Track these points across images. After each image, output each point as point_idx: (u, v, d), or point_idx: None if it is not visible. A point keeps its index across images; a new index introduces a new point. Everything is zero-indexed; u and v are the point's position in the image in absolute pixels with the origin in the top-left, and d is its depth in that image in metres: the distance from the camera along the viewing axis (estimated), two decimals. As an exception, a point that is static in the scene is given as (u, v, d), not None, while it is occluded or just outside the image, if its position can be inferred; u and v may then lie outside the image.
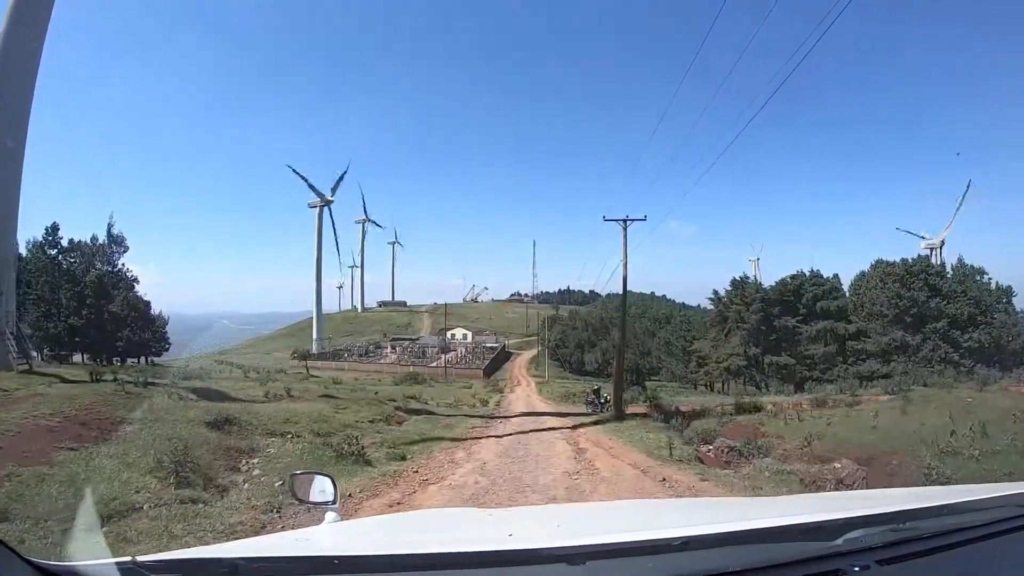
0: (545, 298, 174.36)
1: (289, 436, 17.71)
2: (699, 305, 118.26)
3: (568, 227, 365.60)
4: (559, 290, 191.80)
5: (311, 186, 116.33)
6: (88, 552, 5.10)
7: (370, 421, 25.37)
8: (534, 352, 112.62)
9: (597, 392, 42.60)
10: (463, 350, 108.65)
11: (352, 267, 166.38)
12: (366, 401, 32.64)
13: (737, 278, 70.61)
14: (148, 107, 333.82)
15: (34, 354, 38.94)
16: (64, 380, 23.17)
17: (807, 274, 68.08)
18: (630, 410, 36.94)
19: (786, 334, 64.89)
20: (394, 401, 36.33)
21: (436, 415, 32.27)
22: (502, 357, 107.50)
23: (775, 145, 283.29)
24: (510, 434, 24.55)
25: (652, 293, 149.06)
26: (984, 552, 2.06)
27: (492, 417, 34.22)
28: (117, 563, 1.79)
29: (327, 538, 2.73)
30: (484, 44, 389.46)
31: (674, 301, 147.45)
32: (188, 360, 73.30)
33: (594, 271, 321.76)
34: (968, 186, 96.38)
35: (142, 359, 61.12)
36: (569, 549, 1.76)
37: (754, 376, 65.41)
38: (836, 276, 68.90)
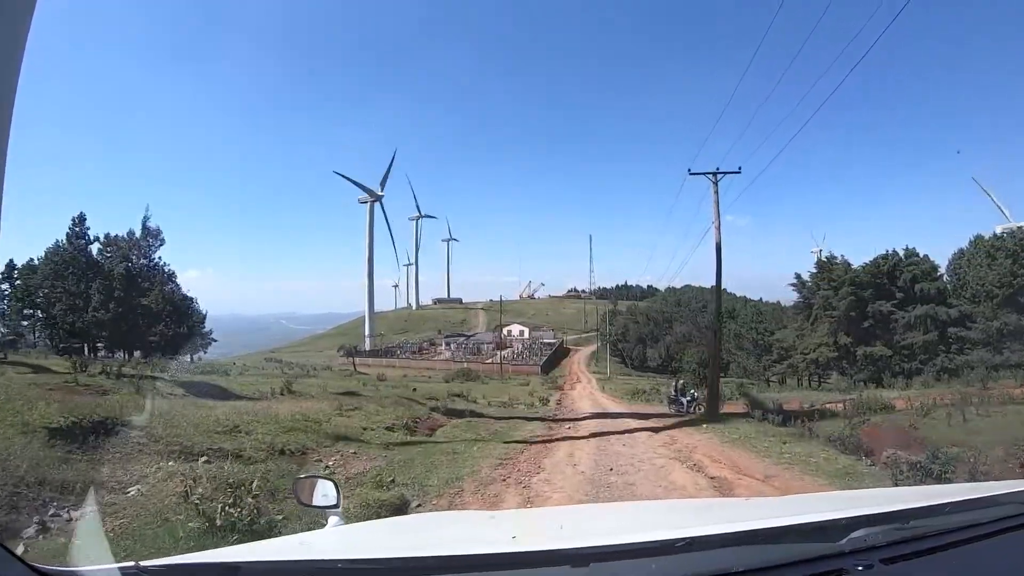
0: (602, 294, 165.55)
1: (203, 459, 10.19)
2: (761, 299, 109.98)
3: (625, 222, 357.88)
4: (616, 285, 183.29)
5: (359, 185, 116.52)
6: (91, 556, 4.72)
7: (387, 428, 17.90)
8: (593, 348, 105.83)
9: (682, 389, 33.56)
10: (519, 346, 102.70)
11: (407, 265, 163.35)
12: (393, 400, 24.88)
13: (823, 259, 60.53)
14: (201, 114, 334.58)
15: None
16: (36, 370, 21.57)
17: (900, 253, 57.78)
18: (725, 408, 29.36)
19: (880, 321, 54.93)
20: (434, 400, 28.93)
21: (484, 417, 24.61)
22: (560, 353, 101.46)
23: (831, 136, 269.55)
24: (585, 439, 17.30)
25: (712, 287, 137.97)
26: (988, 550, 1.97)
27: (556, 420, 25.90)
28: (121, 568, 1.73)
29: (330, 542, 2.66)
30: (536, 39, 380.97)
31: (735, 295, 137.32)
32: (236, 358, 69.75)
33: (660, 265, 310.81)
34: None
35: (187, 356, 56.42)
36: (573, 551, 1.70)
37: (845, 369, 55.47)
38: (927, 257, 58.43)
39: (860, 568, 1.71)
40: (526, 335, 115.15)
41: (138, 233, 54.20)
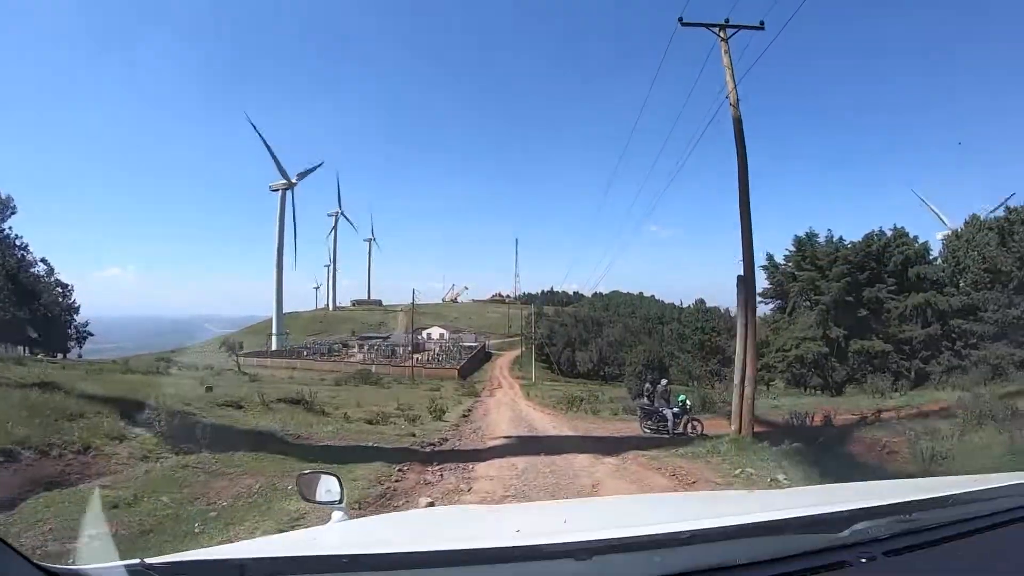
0: (528, 299, 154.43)
1: None
2: (690, 307, 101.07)
3: (551, 230, 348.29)
4: (542, 291, 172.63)
5: (275, 160, 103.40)
6: (96, 555, 4.51)
7: None
8: (517, 353, 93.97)
9: (665, 394, 19.21)
10: (438, 349, 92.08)
11: (327, 266, 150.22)
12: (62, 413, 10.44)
13: (802, 236, 46.56)
14: (127, 107, 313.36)
15: None
16: None
17: (888, 233, 45.38)
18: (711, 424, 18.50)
19: (874, 310, 42.43)
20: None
21: (266, 451, 10.67)
22: (481, 357, 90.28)
23: (762, 146, 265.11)
24: None
25: (640, 293, 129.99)
26: (990, 542, 1.94)
27: (431, 456, 11.90)
28: (126, 566, 1.68)
29: (335, 537, 2.50)
30: (461, 41, 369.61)
31: (663, 301, 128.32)
32: (131, 357, 58.11)
33: (583, 273, 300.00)
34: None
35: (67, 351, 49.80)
36: (576, 544, 1.64)
37: (832, 368, 42.60)
38: (917, 238, 46.46)
39: (863, 560, 1.68)
40: (446, 337, 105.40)
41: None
